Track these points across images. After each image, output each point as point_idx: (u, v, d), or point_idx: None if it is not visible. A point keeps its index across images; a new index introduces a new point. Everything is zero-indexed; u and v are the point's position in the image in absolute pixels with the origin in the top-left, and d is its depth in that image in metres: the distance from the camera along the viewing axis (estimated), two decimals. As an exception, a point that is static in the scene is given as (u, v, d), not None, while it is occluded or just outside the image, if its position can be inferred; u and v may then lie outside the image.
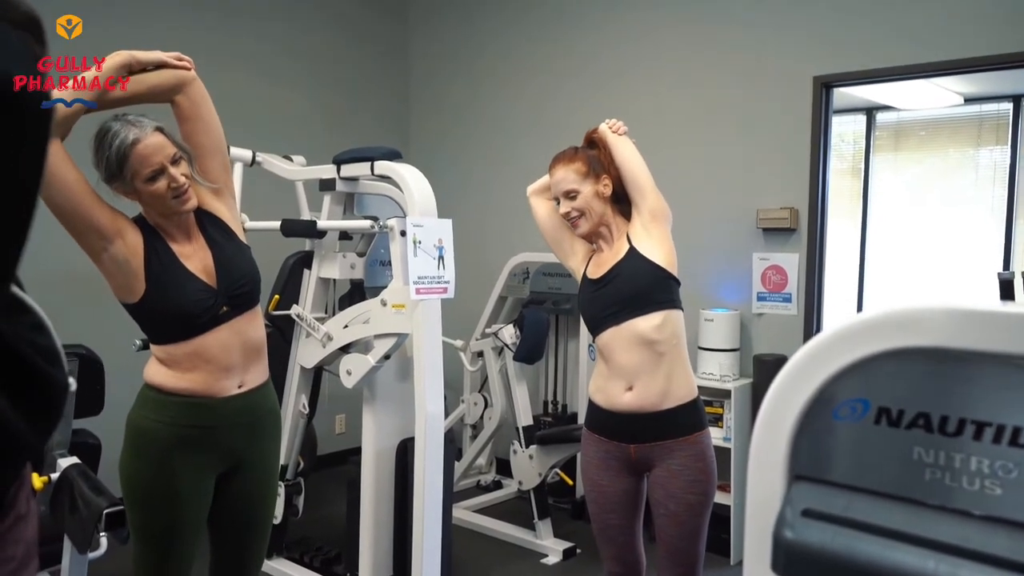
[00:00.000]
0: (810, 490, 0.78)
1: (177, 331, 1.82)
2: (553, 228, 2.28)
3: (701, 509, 2.07)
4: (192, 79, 1.86)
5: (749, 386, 3.58)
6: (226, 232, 1.94)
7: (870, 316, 0.73)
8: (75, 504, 2.15)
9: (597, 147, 2.17)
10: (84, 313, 3.51)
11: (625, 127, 2.18)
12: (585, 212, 2.11)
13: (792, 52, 3.60)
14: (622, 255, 2.09)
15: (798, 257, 3.60)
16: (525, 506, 3.87)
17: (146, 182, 1.75)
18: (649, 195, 2.10)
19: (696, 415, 2.09)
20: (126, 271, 1.78)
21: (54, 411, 0.76)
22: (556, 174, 2.17)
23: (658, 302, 2.06)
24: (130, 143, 1.73)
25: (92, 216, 1.72)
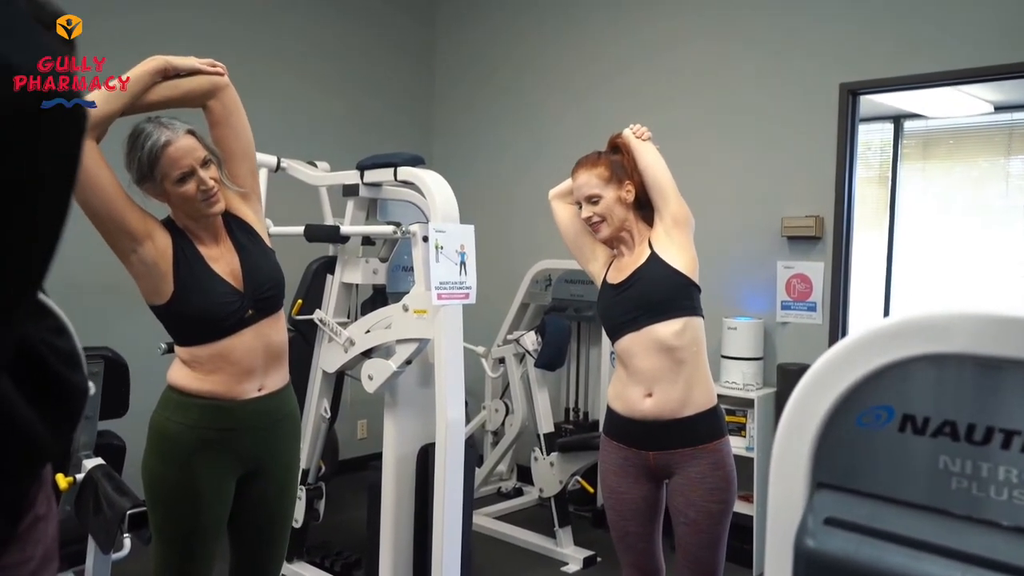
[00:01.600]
0: (833, 498, 0.76)
1: (203, 333, 1.84)
2: (574, 232, 2.27)
3: (721, 517, 2.04)
4: (225, 85, 1.89)
5: (772, 395, 3.55)
6: (253, 236, 1.96)
7: (895, 321, 0.72)
8: (99, 505, 2.17)
9: (621, 152, 2.16)
10: (110, 316, 3.56)
11: (649, 132, 2.17)
12: (607, 217, 2.11)
13: (818, 59, 3.57)
14: (643, 260, 2.08)
15: (823, 266, 3.56)
16: (546, 513, 3.86)
17: (176, 184, 1.78)
18: (672, 201, 2.09)
19: (716, 423, 2.07)
20: (155, 273, 1.80)
21: (72, 414, 0.77)
22: (579, 178, 2.16)
23: (678, 308, 2.04)
24: (162, 145, 1.76)
25: (124, 218, 1.75)
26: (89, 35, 3.34)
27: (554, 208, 2.34)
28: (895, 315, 0.72)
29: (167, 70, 1.80)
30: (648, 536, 2.15)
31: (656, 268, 2.05)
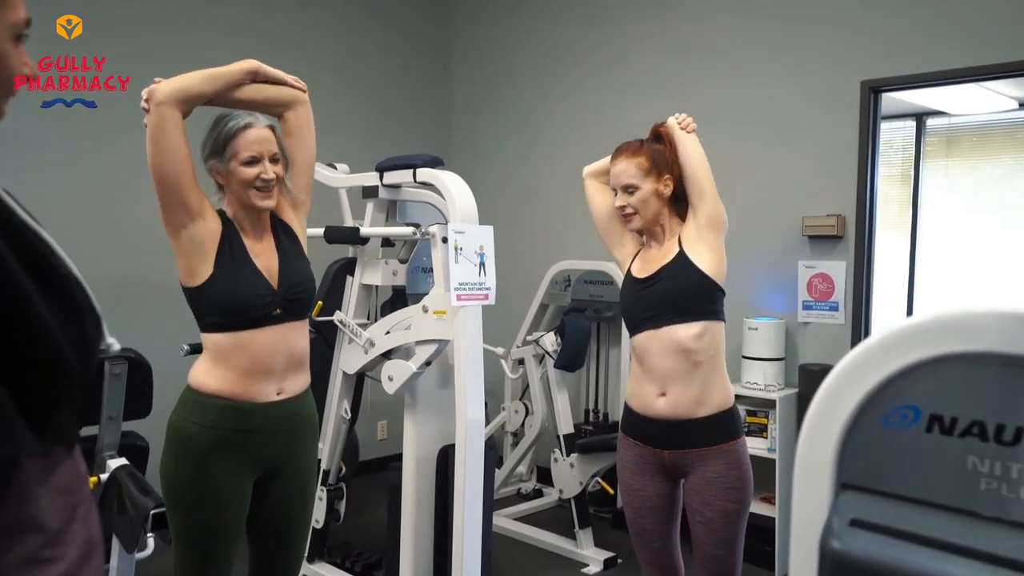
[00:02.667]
0: (858, 499, 0.76)
1: (230, 321, 1.86)
2: (606, 216, 2.24)
3: (737, 517, 2.03)
4: (304, 101, 2.02)
5: (794, 396, 3.52)
6: (295, 243, 2.03)
7: (921, 320, 0.71)
8: (123, 504, 2.20)
9: (663, 141, 2.11)
10: (133, 318, 3.59)
11: (694, 124, 2.12)
12: (640, 210, 2.08)
13: (839, 56, 3.54)
14: (670, 257, 2.06)
15: (845, 265, 3.53)
16: (566, 515, 3.85)
17: (242, 164, 1.87)
18: (709, 199, 2.06)
19: (731, 423, 2.06)
20: (198, 252, 1.85)
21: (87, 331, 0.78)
22: (618, 165, 2.11)
23: (700, 311, 2.03)
24: (242, 126, 1.87)
25: (188, 191, 1.82)
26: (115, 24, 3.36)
27: (587, 186, 2.30)
28: (922, 313, 0.71)
29: (258, 73, 1.93)
30: (665, 534, 2.14)
31: (682, 268, 2.04)
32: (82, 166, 3.57)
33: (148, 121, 1.79)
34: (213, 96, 1.88)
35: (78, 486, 0.84)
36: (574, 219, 4.59)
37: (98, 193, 3.65)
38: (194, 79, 1.84)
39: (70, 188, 3.54)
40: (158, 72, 3.94)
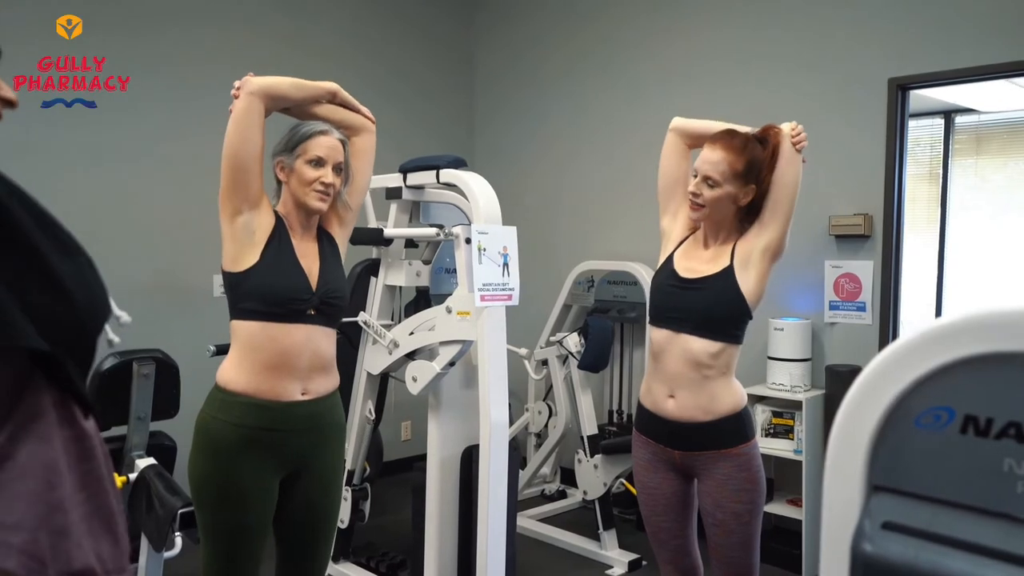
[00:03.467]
0: (890, 502, 0.74)
1: (265, 310, 1.90)
2: (672, 179, 2.16)
3: (749, 518, 2.02)
4: (372, 130, 2.18)
5: (821, 397, 3.48)
6: (336, 254, 2.10)
7: (955, 319, 0.70)
8: (151, 504, 2.22)
9: (767, 146, 2.02)
10: (161, 319, 3.63)
11: (806, 140, 2.03)
12: (711, 207, 2.01)
13: (866, 53, 3.50)
14: (718, 269, 2.02)
15: (873, 265, 3.49)
16: (590, 516, 3.84)
17: (307, 164, 1.96)
18: (780, 228, 2.00)
19: (740, 427, 2.04)
20: (248, 240, 1.92)
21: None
22: (712, 153, 2.00)
23: (723, 333, 2.01)
24: (319, 131, 1.99)
25: (253, 179, 1.92)
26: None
27: (669, 140, 2.18)
28: (956, 312, 0.70)
29: (337, 96, 2.11)
30: (681, 532, 2.13)
31: (726, 287, 2.00)
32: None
33: (235, 107, 1.90)
34: (295, 103, 2.03)
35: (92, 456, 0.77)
36: (598, 219, 4.58)
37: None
38: (284, 82, 1.98)
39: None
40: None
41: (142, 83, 3.65)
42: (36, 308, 0.68)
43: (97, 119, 3.52)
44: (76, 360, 0.74)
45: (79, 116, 3.39)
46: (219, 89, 2.21)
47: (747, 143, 2.01)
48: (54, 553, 0.68)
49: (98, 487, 0.75)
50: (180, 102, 3.87)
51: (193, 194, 3.88)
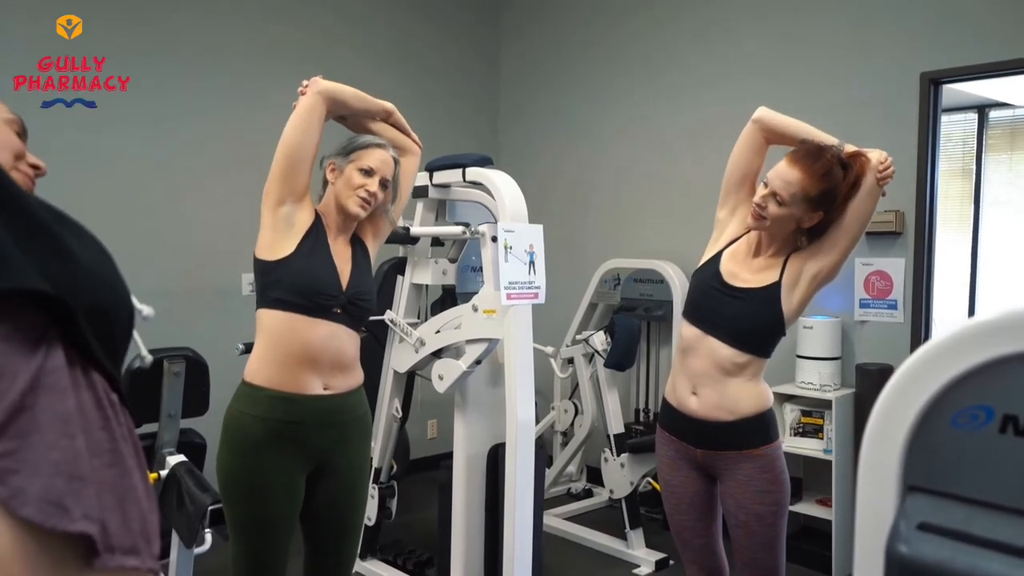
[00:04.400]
0: (926, 502, 0.73)
1: (294, 300, 1.93)
2: (742, 174, 2.08)
3: (773, 519, 2.00)
4: (417, 153, 2.29)
5: (851, 396, 3.44)
6: (367, 261, 2.15)
7: (994, 316, 0.68)
8: (182, 500, 2.24)
9: (849, 172, 1.91)
10: (191, 319, 3.68)
11: (893, 174, 1.94)
12: (772, 222, 1.94)
13: (897, 46, 3.45)
14: (765, 283, 1.98)
15: (904, 262, 3.44)
16: (616, 515, 3.82)
17: (356, 171, 2.03)
18: (838, 258, 1.96)
19: (763, 428, 2.01)
20: (287, 231, 1.97)
21: None
22: (788, 170, 1.90)
23: (754, 347, 1.99)
24: (376, 143, 2.08)
25: (303, 173, 1.99)
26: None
27: (748, 130, 2.08)
28: (994, 309, 0.68)
29: (392, 116, 2.23)
30: (705, 531, 2.12)
31: (768, 303, 1.97)
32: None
33: (300, 103, 1.99)
34: (353, 113, 2.14)
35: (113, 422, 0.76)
36: (624, 217, 4.56)
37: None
38: (348, 91, 2.09)
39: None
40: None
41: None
42: (45, 274, 0.67)
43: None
44: (95, 332, 0.73)
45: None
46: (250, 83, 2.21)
47: (828, 171, 1.89)
48: (75, 498, 0.68)
49: (114, 457, 0.74)
50: (204, 101, 3.91)
51: (222, 193, 3.92)
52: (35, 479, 0.65)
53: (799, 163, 1.90)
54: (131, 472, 0.73)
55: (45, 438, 0.67)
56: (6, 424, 0.63)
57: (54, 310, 0.68)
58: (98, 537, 0.65)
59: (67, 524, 0.63)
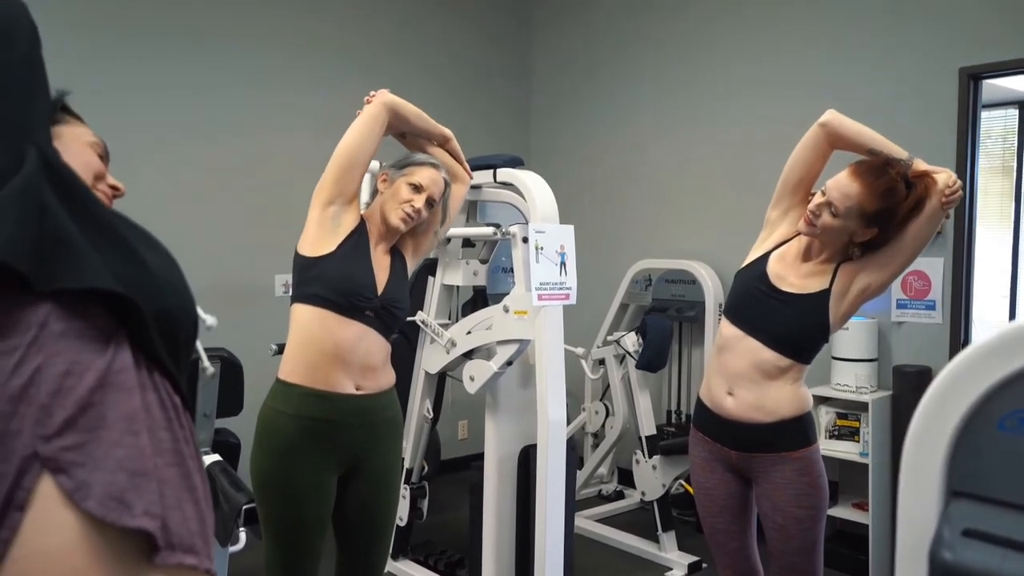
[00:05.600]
0: (971, 508, 0.71)
1: (329, 297, 1.95)
2: (799, 177, 2.02)
3: (811, 523, 1.96)
4: (467, 182, 2.39)
5: (888, 399, 3.38)
6: (404, 273, 2.19)
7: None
8: (217, 499, 2.27)
9: (912, 191, 1.85)
10: (226, 320, 3.71)
11: (960, 197, 1.87)
12: (823, 231, 1.89)
13: (935, 41, 3.39)
14: (812, 291, 1.94)
15: (943, 262, 3.37)
16: (648, 517, 3.80)
17: (406, 185, 2.09)
18: (890, 277, 1.92)
19: (801, 431, 1.98)
20: (332, 230, 2.02)
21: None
22: (848, 183, 1.84)
23: (796, 353, 1.96)
24: (431, 163, 2.15)
25: (356, 178, 2.06)
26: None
27: (814, 133, 1.99)
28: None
29: (449, 142, 2.31)
30: (738, 534, 2.09)
31: (815, 310, 1.93)
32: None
33: (365, 110, 2.06)
34: (413, 131, 2.22)
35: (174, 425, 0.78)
36: (656, 218, 4.53)
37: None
38: (411, 108, 2.16)
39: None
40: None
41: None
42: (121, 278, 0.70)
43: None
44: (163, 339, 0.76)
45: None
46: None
47: (890, 188, 1.83)
48: (137, 493, 0.70)
49: (176, 458, 0.77)
50: (239, 100, 3.95)
51: (255, 194, 3.96)
52: (99, 473, 0.67)
53: (861, 177, 1.84)
54: (192, 473, 0.75)
55: (111, 434, 0.69)
56: (75, 418, 0.66)
57: (124, 311, 0.70)
58: (158, 534, 0.67)
59: (128, 520, 0.65)
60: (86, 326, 0.71)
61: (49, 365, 0.68)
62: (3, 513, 0.63)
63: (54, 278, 0.67)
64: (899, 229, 1.87)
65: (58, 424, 0.66)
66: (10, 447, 0.64)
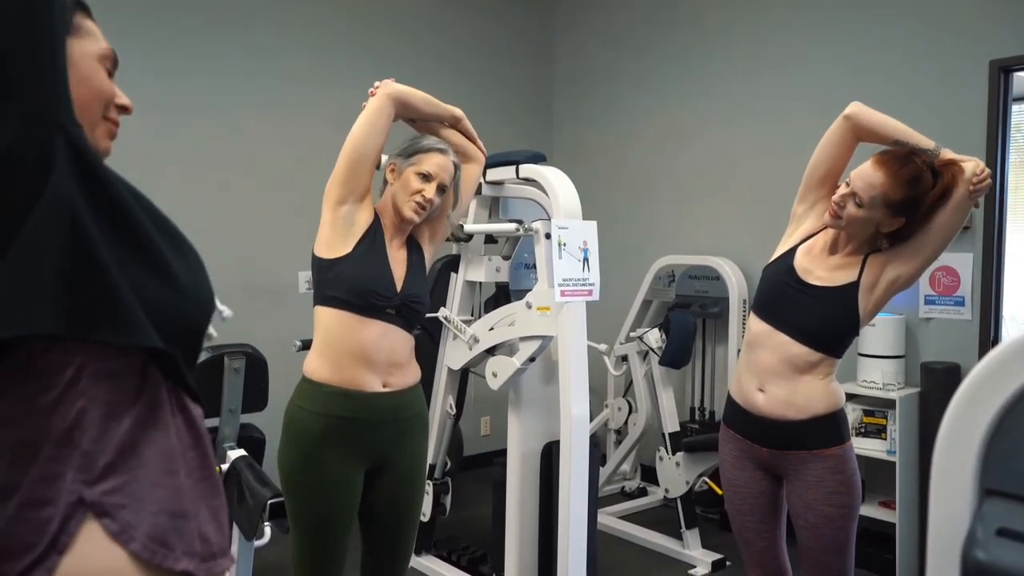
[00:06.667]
0: (1005, 507, 0.70)
1: (349, 299, 1.95)
2: (825, 171, 2.00)
3: (843, 522, 1.93)
4: (481, 161, 2.29)
5: (916, 396, 3.33)
6: (422, 265, 2.17)
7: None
8: (242, 494, 2.29)
9: (939, 181, 1.82)
10: (251, 316, 3.75)
11: (988, 185, 1.81)
12: (849, 223, 1.87)
13: (965, 33, 3.33)
14: (840, 283, 1.92)
15: (972, 257, 3.32)
16: (671, 514, 3.78)
17: (415, 175, 2.04)
18: (919, 268, 1.89)
19: (834, 428, 1.95)
20: (346, 230, 1.99)
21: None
22: (873, 173, 1.82)
23: (827, 346, 1.94)
24: (438, 148, 2.09)
25: (366, 174, 2.01)
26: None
27: (839, 125, 1.97)
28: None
29: (460, 123, 2.22)
30: (768, 533, 2.06)
31: (844, 302, 1.91)
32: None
33: (369, 104, 2.00)
34: (422, 117, 2.14)
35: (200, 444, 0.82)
36: (679, 213, 4.51)
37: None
38: (417, 95, 2.08)
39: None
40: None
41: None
42: (151, 301, 0.72)
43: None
44: (184, 352, 0.78)
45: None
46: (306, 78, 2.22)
47: (915, 177, 1.81)
48: (178, 535, 0.72)
49: (207, 472, 0.81)
50: (261, 96, 3.98)
51: (280, 190, 3.99)
52: (142, 515, 0.71)
53: (885, 166, 1.83)
54: (218, 482, 0.79)
55: (150, 474, 0.72)
56: (116, 462, 0.70)
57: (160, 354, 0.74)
58: (200, 572, 0.71)
59: (172, 563, 0.69)
60: (122, 364, 0.74)
61: (91, 409, 0.70)
62: (44, 555, 0.65)
63: (92, 330, 0.68)
64: (926, 219, 1.84)
65: (101, 468, 0.69)
66: (56, 489, 0.67)
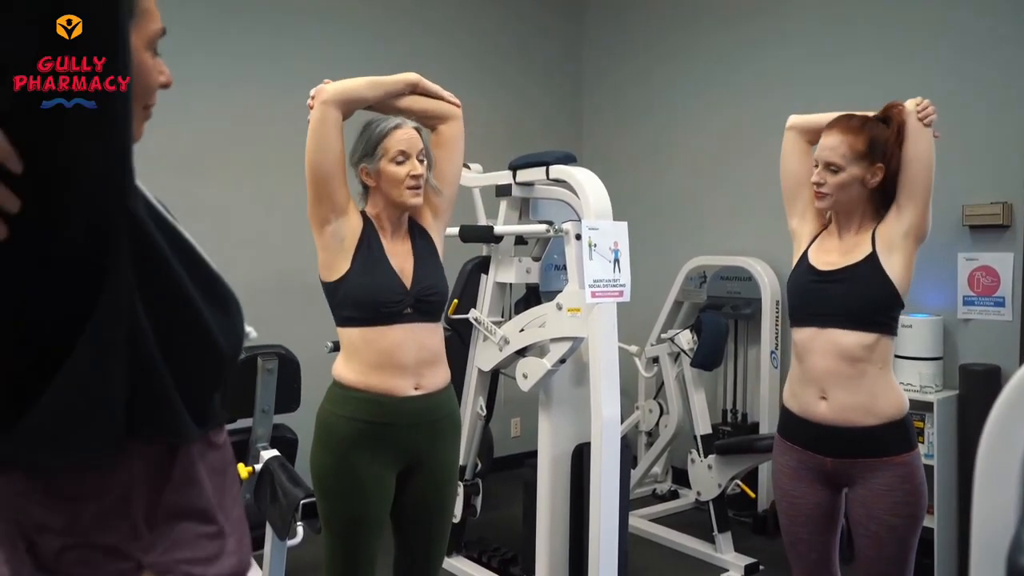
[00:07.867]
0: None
1: (362, 315, 1.93)
2: (795, 180, 2.09)
3: (907, 533, 1.88)
4: (458, 116, 2.10)
5: (954, 398, 3.27)
6: (431, 248, 2.08)
7: None
8: (275, 494, 2.31)
9: (890, 124, 1.92)
10: (283, 317, 3.78)
11: (935, 113, 1.91)
12: (836, 193, 1.92)
13: (1004, 25, 3.26)
14: (860, 257, 1.91)
15: (1013, 257, 3.25)
16: (703, 517, 3.75)
17: (392, 163, 1.94)
18: (919, 208, 1.89)
19: (904, 434, 1.90)
20: (339, 248, 1.94)
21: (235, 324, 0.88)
22: (829, 138, 1.93)
23: (877, 323, 1.89)
24: (392, 127, 1.95)
25: (337, 187, 1.91)
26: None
27: (787, 140, 2.11)
28: None
29: (418, 86, 2.04)
30: (821, 546, 2.02)
31: (872, 273, 1.89)
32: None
33: (311, 118, 1.89)
34: (374, 102, 1.98)
35: (228, 466, 0.92)
36: (710, 214, 4.47)
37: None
38: (359, 84, 1.94)
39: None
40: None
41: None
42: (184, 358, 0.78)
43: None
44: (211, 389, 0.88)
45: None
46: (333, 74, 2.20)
47: (866, 122, 1.92)
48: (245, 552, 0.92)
49: (236, 492, 0.92)
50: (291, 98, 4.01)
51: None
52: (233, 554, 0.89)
53: (835, 127, 1.94)
54: (239, 497, 0.92)
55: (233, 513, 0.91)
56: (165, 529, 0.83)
57: None
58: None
59: None
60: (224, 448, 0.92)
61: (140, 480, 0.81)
62: None
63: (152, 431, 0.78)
64: (898, 158, 1.90)
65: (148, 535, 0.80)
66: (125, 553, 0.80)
